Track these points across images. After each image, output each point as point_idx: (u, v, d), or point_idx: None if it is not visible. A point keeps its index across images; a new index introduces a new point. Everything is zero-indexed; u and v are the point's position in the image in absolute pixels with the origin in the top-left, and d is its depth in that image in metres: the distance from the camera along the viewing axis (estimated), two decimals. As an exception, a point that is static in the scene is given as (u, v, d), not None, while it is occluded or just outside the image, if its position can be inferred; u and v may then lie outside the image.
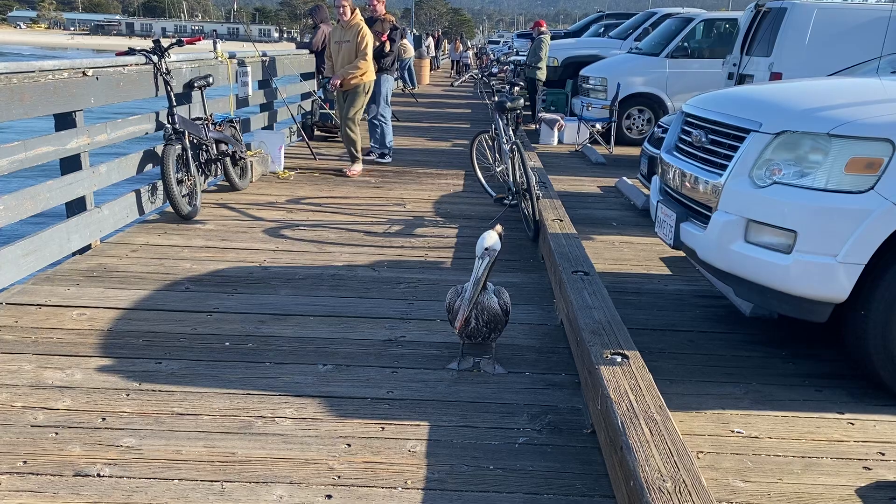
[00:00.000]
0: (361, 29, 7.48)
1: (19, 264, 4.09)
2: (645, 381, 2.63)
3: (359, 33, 7.46)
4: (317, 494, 2.33)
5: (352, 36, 7.49)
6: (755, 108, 3.45)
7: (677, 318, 4.00)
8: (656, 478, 2.05)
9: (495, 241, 3.13)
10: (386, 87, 8.32)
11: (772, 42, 7.94)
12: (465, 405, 2.94)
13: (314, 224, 5.71)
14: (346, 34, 7.54)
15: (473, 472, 2.48)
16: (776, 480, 2.51)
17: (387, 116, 8.43)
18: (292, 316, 3.80)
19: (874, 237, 2.91)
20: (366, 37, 7.45)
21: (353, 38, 7.47)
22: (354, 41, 7.45)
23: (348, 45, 7.49)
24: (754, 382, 3.25)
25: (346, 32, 7.54)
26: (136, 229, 5.38)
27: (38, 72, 4.33)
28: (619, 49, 13.19)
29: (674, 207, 3.80)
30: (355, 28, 7.50)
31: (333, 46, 7.68)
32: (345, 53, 7.51)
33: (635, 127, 11.05)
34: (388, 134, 8.50)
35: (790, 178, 3.11)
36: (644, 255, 5.22)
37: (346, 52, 7.50)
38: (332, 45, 7.70)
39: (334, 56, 7.67)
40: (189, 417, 2.77)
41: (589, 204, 6.93)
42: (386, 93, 8.32)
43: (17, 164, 4.11)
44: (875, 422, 2.93)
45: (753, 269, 3.22)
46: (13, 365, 3.14)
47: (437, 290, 4.20)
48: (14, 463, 2.43)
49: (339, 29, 7.65)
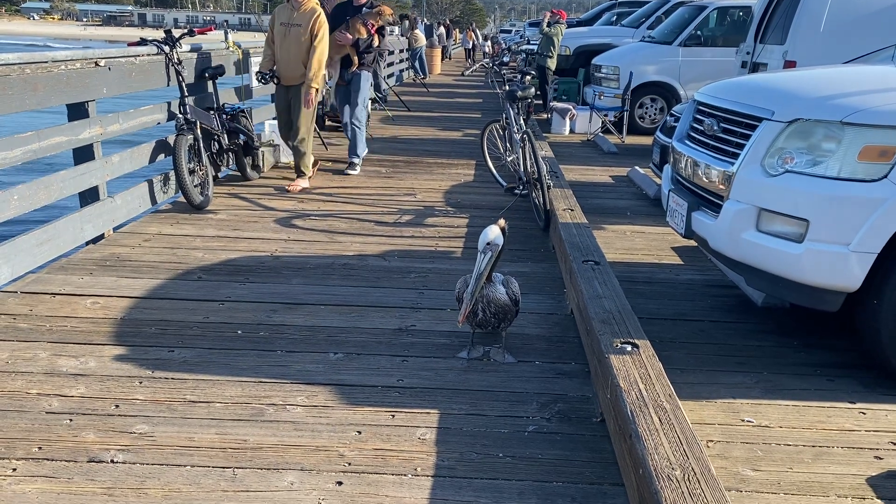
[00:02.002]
0: (318, 15, 6.15)
1: (34, 253, 4.13)
2: (655, 370, 2.63)
3: (314, 19, 6.09)
4: (327, 481, 2.35)
5: (304, 20, 6.11)
6: (767, 96, 3.42)
7: (688, 308, 3.99)
8: (665, 466, 2.05)
9: (497, 235, 3.13)
10: (365, 86, 7.13)
11: (786, 30, 7.85)
12: (474, 393, 2.95)
13: (325, 214, 5.73)
14: (296, 16, 6.15)
15: (483, 459, 2.49)
16: (786, 469, 2.51)
17: (362, 120, 7.29)
18: (304, 305, 3.82)
19: (887, 226, 2.89)
20: (322, 26, 6.13)
21: (305, 24, 6.09)
22: (308, 28, 6.09)
23: (297, 32, 6.13)
24: (765, 372, 3.24)
25: (296, 14, 6.15)
26: (149, 219, 5.42)
27: (52, 62, 4.35)
28: (631, 37, 13.09)
29: (685, 196, 3.79)
30: (310, 13, 6.15)
31: (278, 29, 6.23)
32: (292, 41, 6.14)
33: (648, 116, 10.99)
34: (360, 141, 7.30)
35: (802, 166, 3.08)
36: (655, 244, 5.20)
37: (293, 40, 6.13)
38: (277, 28, 6.24)
39: (277, 42, 6.25)
40: (201, 405, 2.79)
41: (600, 193, 6.91)
42: (364, 93, 7.16)
43: (31, 153, 4.14)
44: (887, 411, 2.92)
45: (765, 258, 3.20)
46: (28, 353, 3.18)
47: (447, 280, 4.20)
48: (29, 449, 2.47)
49: (287, 9, 6.25)
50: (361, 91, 7.09)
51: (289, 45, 6.17)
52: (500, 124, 6.73)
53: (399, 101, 13.19)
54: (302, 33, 6.10)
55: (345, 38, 6.75)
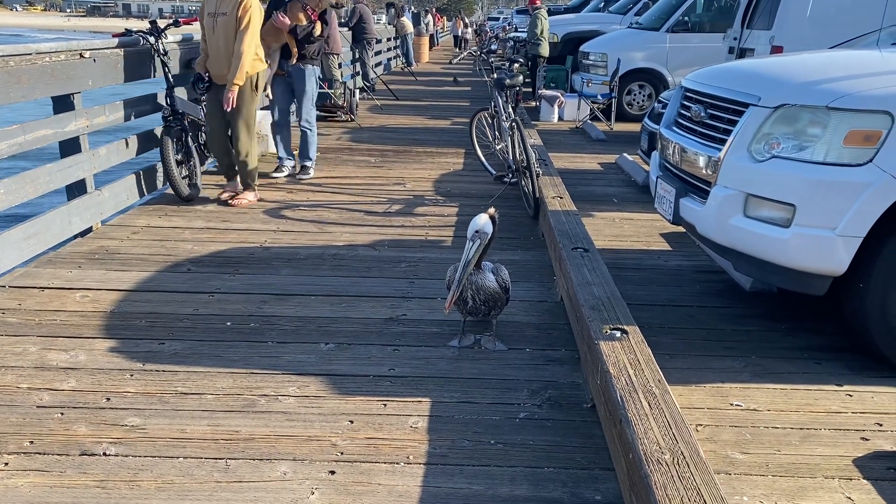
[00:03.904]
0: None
1: (21, 247, 4.10)
2: (644, 355, 2.65)
3: (239, 4, 5.28)
4: (320, 471, 2.36)
5: (229, 7, 5.30)
6: (754, 81, 3.43)
7: (677, 294, 4.02)
8: (655, 450, 2.07)
9: (486, 223, 3.14)
10: (310, 83, 6.41)
11: (773, 15, 7.86)
12: (466, 381, 2.97)
13: (314, 204, 5.71)
14: (221, 4, 5.36)
15: (474, 446, 2.51)
16: (774, 452, 2.53)
17: (312, 121, 6.60)
18: (294, 296, 3.82)
19: (873, 210, 2.91)
20: (249, 10, 5.29)
21: (230, 11, 5.29)
22: (234, 15, 5.28)
23: (224, 22, 5.33)
24: (753, 356, 3.27)
25: (221, 1, 5.37)
26: (137, 211, 5.39)
27: (35, 54, 4.31)
28: (619, 24, 13.08)
29: (673, 183, 3.80)
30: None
31: (206, 21, 5.45)
32: (220, 33, 5.35)
33: (636, 103, 10.99)
34: (312, 143, 6.65)
35: (789, 151, 3.10)
36: (644, 231, 5.23)
37: (221, 32, 5.34)
38: (205, 19, 5.46)
39: (207, 35, 5.47)
40: (193, 397, 2.79)
41: (589, 181, 6.93)
42: (311, 90, 6.48)
43: (17, 147, 4.11)
44: (873, 393, 2.95)
45: (752, 243, 3.23)
46: (18, 347, 3.17)
47: (437, 269, 4.21)
48: (21, 443, 2.47)
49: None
50: (306, 89, 6.42)
51: (217, 38, 5.38)
52: (489, 112, 6.72)
53: (387, 90, 13.14)
54: (229, 22, 5.31)
55: (282, 22, 6.04)
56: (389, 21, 19.54)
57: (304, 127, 6.52)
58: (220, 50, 5.39)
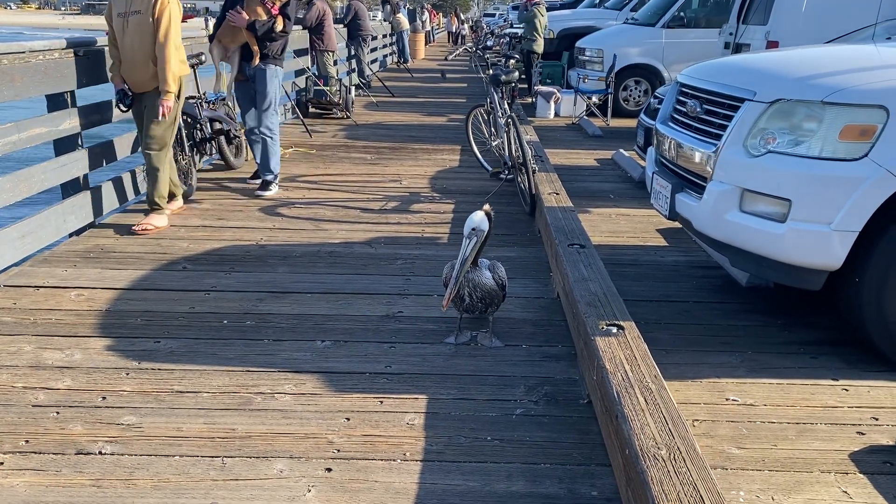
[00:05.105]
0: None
1: (16, 246, 4.09)
2: (640, 351, 2.65)
3: (155, 3, 4.60)
4: (317, 468, 2.35)
5: (143, 5, 4.63)
6: (749, 76, 3.43)
7: (673, 289, 4.02)
8: (651, 446, 2.07)
9: (482, 220, 3.14)
10: (272, 85, 5.73)
11: (768, 10, 7.87)
12: (462, 378, 2.96)
13: (310, 202, 5.70)
14: (133, 1, 4.66)
15: (471, 443, 2.51)
16: (771, 446, 2.54)
17: (274, 128, 5.81)
18: (290, 293, 3.81)
19: (868, 204, 2.91)
20: (166, 8, 4.61)
21: (145, 9, 4.61)
22: (149, 13, 4.61)
23: (138, 21, 4.63)
24: (750, 351, 3.27)
25: (132, 0, 4.67)
26: (133, 209, 5.37)
27: (29, 52, 4.30)
28: (615, 20, 13.06)
29: (669, 178, 3.80)
30: None
31: (116, 22, 4.72)
32: (134, 34, 4.64)
33: (632, 98, 10.99)
34: (274, 153, 5.83)
35: (784, 146, 3.10)
36: (640, 226, 5.23)
37: (135, 32, 4.63)
38: (115, 20, 4.73)
39: (118, 38, 4.72)
40: (189, 395, 2.79)
41: (585, 177, 6.92)
42: (273, 93, 5.76)
43: (11, 145, 4.09)
44: (869, 387, 2.96)
45: (748, 238, 3.23)
46: (13, 346, 3.16)
47: (434, 266, 4.20)
48: (16, 442, 2.46)
49: None
50: (268, 91, 5.72)
51: (131, 40, 4.66)
52: (485, 109, 6.71)
53: (383, 87, 13.12)
54: (143, 21, 4.63)
55: (238, 18, 5.48)
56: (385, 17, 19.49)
57: (264, 134, 5.76)
58: (136, 54, 4.69)
